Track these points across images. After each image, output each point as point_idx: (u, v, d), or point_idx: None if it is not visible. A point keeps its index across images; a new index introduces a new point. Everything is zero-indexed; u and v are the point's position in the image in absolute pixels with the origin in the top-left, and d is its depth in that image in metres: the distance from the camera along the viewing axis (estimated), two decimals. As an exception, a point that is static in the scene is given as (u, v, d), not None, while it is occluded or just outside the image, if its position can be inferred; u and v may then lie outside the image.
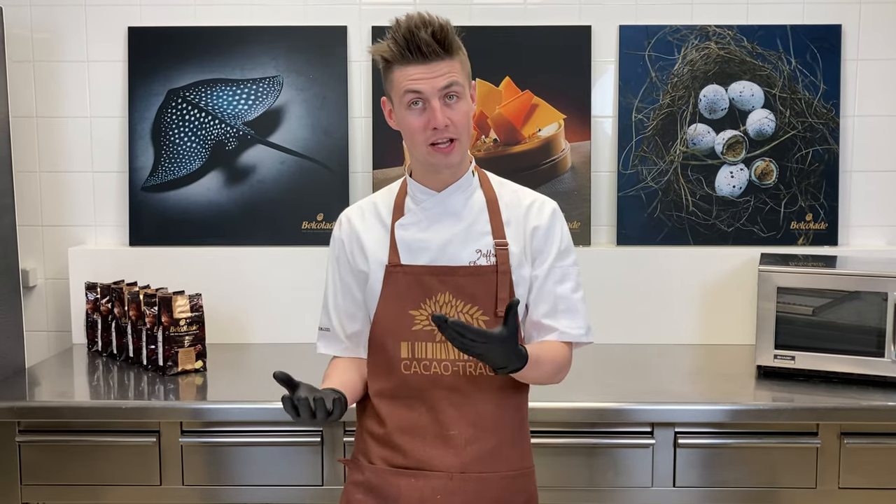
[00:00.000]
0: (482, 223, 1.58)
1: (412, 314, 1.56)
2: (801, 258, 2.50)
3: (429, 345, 1.55)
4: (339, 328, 1.66)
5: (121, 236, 2.75)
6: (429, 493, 1.53)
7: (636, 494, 2.11)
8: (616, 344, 2.64)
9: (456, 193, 1.59)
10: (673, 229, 2.69)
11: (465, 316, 1.54)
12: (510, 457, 1.58)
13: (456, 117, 1.49)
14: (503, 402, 1.58)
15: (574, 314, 1.61)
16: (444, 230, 1.57)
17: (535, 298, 1.60)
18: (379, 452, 1.58)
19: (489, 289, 1.55)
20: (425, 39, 1.44)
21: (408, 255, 1.58)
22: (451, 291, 1.55)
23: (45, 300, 2.78)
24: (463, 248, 1.57)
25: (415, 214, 1.59)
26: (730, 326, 2.66)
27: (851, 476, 2.10)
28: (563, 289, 1.60)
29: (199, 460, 2.13)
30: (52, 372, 2.47)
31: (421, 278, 1.56)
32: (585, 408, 2.09)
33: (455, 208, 1.59)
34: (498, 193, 1.61)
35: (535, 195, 1.65)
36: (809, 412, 2.09)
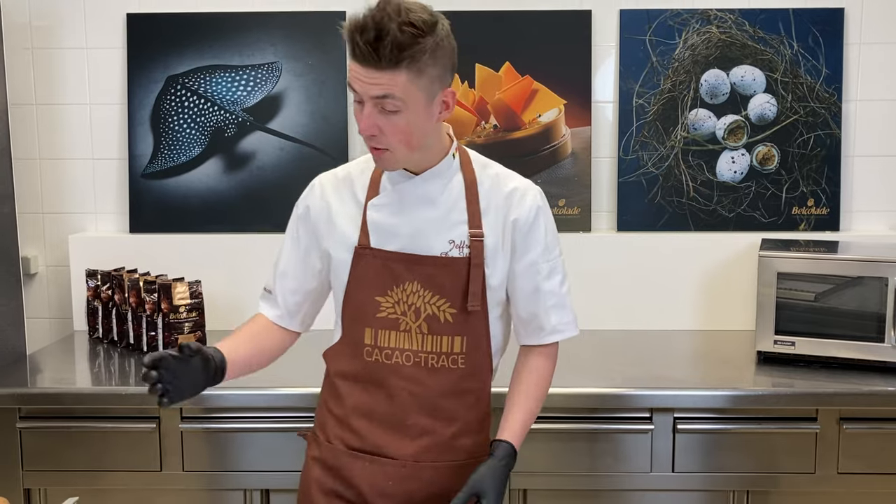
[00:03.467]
0: (458, 211, 1.52)
1: (378, 300, 1.52)
2: (802, 244, 2.49)
3: (392, 333, 1.52)
4: (279, 295, 1.63)
5: (121, 223, 2.75)
6: (381, 479, 1.53)
7: (635, 479, 2.12)
8: (616, 330, 2.64)
9: (434, 179, 1.51)
10: (674, 215, 2.68)
11: (432, 307, 1.51)
12: (466, 446, 1.57)
13: (389, 128, 1.39)
14: (463, 394, 1.55)
15: (563, 309, 1.59)
16: (417, 217, 1.51)
17: (522, 293, 1.56)
18: (336, 432, 1.58)
19: (459, 282, 1.50)
20: (361, 47, 1.34)
21: (378, 238, 1.52)
22: (419, 281, 1.50)
23: (45, 287, 2.79)
24: (436, 237, 1.51)
25: (389, 195, 1.52)
26: (730, 312, 2.65)
27: (850, 461, 2.10)
28: (552, 284, 1.57)
29: (199, 446, 2.14)
30: (53, 358, 2.48)
31: (389, 264, 1.51)
32: (585, 393, 2.10)
33: (431, 194, 1.52)
34: (479, 177, 1.54)
35: (517, 181, 1.57)
36: (809, 397, 2.09)
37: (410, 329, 1.51)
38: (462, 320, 1.51)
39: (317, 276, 1.62)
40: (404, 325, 1.51)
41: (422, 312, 1.51)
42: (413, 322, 1.51)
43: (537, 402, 1.59)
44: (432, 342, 1.51)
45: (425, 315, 1.51)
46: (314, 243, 1.59)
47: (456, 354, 1.53)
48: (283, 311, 1.62)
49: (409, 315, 1.51)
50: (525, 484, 2.13)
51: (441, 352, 1.52)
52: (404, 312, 1.51)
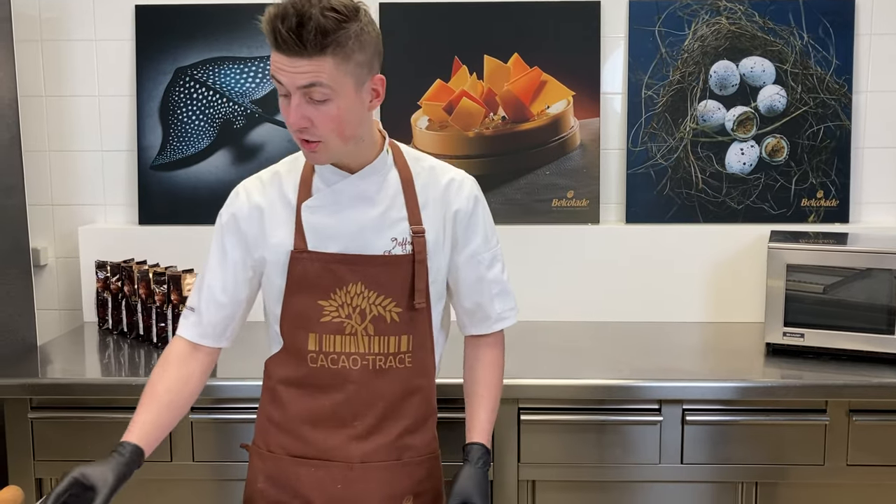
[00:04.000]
0: (397, 207, 1.48)
1: (321, 304, 1.47)
2: (811, 235, 2.48)
3: (337, 337, 1.47)
4: (205, 313, 1.54)
5: (130, 215, 2.76)
6: (329, 483, 1.50)
7: (644, 471, 2.12)
8: (624, 322, 2.64)
9: (371, 176, 1.47)
10: (682, 207, 2.68)
11: (377, 308, 1.47)
12: (414, 444, 1.55)
13: (320, 118, 1.34)
14: (412, 393, 1.54)
15: (507, 296, 1.59)
16: (356, 217, 1.47)
17: (465, 284, 1.55)
18: (278, 440, 1.54)
19: (404, 279, 1.47)
20: (283, 35, 1.28)
21: (316, 240, 1.47)
22: (363, 282, 1.46)
23: (55, 279, 2.80)
24: (377, 236, 1.47)
25: (324, 197, 1.47)
26: (739, 304, 2.65)
27: (860, 453, 2.10)
28: (495, 272, 1.57)
29: (209, 437, 2.15)
30: (63, 349, 2.49)
31: (330, 266, 1.46)
32: (594, 385, 2.10)
33: (369, 192, 1.47)
34: (413, 171, 1.51)
35: (452, 172, 1.55)
36: (818, 389, 2.09)
37: (356, 332, 1.47)
38: (408, 319, 1.49)
39: (248, 285, 1.55)
40: (350, 329, 1.47)
41: (367, 314, 1.47)
42: (359, 325, 1.47)
43: (497, 394, 1.59)
44: (379, 343, 1.48)
45: (371, 316, 1.47)
46: (244, 252, 1.52)
47: (403, 353, 1.50)
48: (207, 330, 1.54)
49: (354, 318, 1.47)
50: (534, 475, 2.13)
51: (388, 352, 1.49)
52: (349, 315, 1.47)
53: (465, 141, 2.65)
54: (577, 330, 2.58)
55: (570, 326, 2.61)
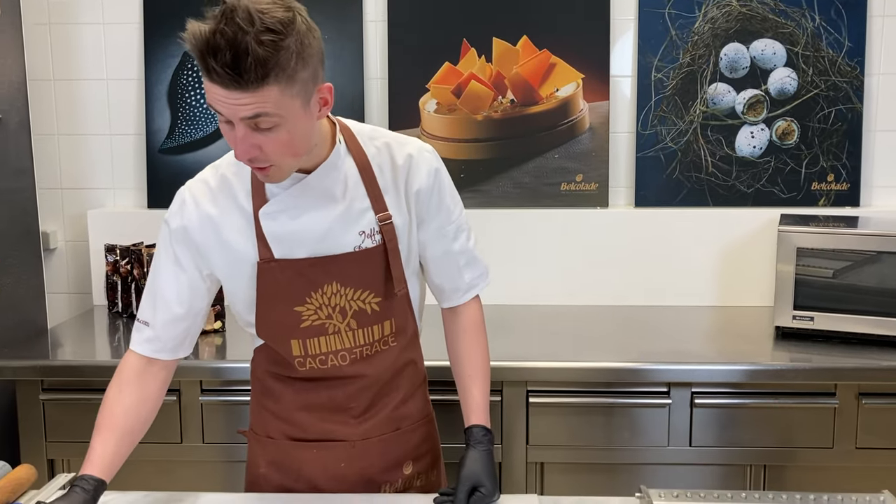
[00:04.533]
0: (360, 198, 1.39)
1: (298, 311, 1.40)
2: (821, 219, 2.47)
3: (321, 339, 1.42)
4: (160, 327, 1.43)
5: (139, 199, 2.77)
6: (332, 462, 1.49)
7: (652, 453, 2.12)
8: (633, 306, 2.64)
9: (328, 173, 1.37)
10: (692, 190, 2.67)
11: (357, 303, 1.43)
12: (411, 411, 1.55)
13: (269, 145, 1.22)
14: (401, 367, 1.53)
15: (475, 263, 1.54)
16: (319, 218, 1.37)
17: (433, 259, 1.50)
18: (277, 426, 1.52)
19: (379, 270, 1.42)
20: (217, 70, 1.14)
21: (281, 248, 1.38)
22: (337, 281, 1.40)
23: (65, 262, 2.81)
24: (344, 232, 1.39)
25: (282, 201, 1.36)
26: (749, 288, 2.64)
27: (869, 436, 2.09)
28: (461, 243, 1.51)
29: (218, 418, 2.16)
30: (73, 332, 2.50)
31: (302, 271, 1.38)
32: (602, 367, 2.10)
33: (330, 191, 1.37)
34: (369, 154, 1.41)
35: (408, 146, 1.45)
36: (827, 372, 2.08)
37: (339, 330, 1.43)
38: (387, 306, 1.45)
39: (206, 296, 1.46)
40: (332, 328, 1.42)
41: (348, 311, 1.42)
42: (341, 322, 1.43)
43: (486, 368, 1.54)
44: (364, 335, 1.45)
45: (352, 312, 1.43)
46: (199, 263, 1.42)
47: (387, 336, 1.47)
48: (164, 345, 1.44)
49: (335, 317, 1.42)
50: (542, 458, 2.14)
51: (374, 340, 1.46)
52: (329, 315, 1.42)
53: (474, 124, 2.64)
54: (586, 314, 2.57)
55: (578, 310, 2.61)
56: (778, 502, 1.22)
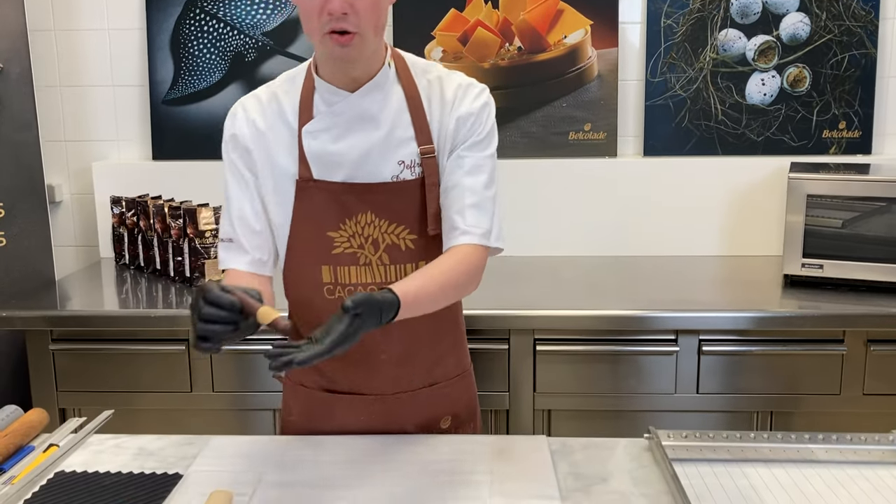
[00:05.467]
0: (403, 126, 1.37)
1: (331, 236, 1.38)
2: (832, 167, 2.44)
3: (352, 269, 1.39)
4: (244, 240, 1.41)
5: (144, 150, 2.75)
6: (363, 411, 1.45)
7: (659, 400, 2.13)
8: (642, 256, 2.63)
9: (372, 93, 1.35)
10: (701, 139, 2.64)
11: (390, 237, 1.38)
12: (447, 366, 1.49)
13: (361, 5, 1.24)
14: (439, 316, 1.40)
15: (482, 211, 1.38)
16: (360, 140, 1.36)
17: (444, 191, 1.39)
18: (308, 375, 1.49)
19: (416, 205, 1.38)
20: None
21: (320, 169, 1.37)
22: (373, 211, 1.37)
23: (71, 215, 2.81)
24: (383, 160, 1.36)
25: (325, 119, 1.36)
26: (758, 238, 2.63)
27: (876, 382, 2.10)
28: (474, 181, 1.38)
29: (227, 367, 2.17)
30: (81, 284, 2.51)
31: (338, 196, 1.36)
32: (611, 315, 2.09)
33: (371, 111, 1.36)
34: (419, 86, 1.39)
35: (460, 80, 1.41)
36: (836, 319, 2.08)
37: (371, 262, 1.39)
38: (423, 245, 1.39)
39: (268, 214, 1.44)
40: (364, 259, 1.39)
41: (380, 243, 1.39)
42: (373, 255, 1.39)
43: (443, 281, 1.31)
44: (396, 272, 1.40)
45: (385, 245, 1.39)
46: (253, 174, 1.41)
47: None
48: (252, 256, 1.41)
49: (367, 248, 1.39)
50: (549, 405, 2.15)
51: None
52: (361, 245, 1.39)
53: (480, 72, 2.61)
54: (594, 263, 2.57)
55: (586, 260, 2.60)
56: (787, 442, 1.22)
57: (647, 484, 1.16)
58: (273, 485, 1.16)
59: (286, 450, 1.29)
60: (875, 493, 1.13)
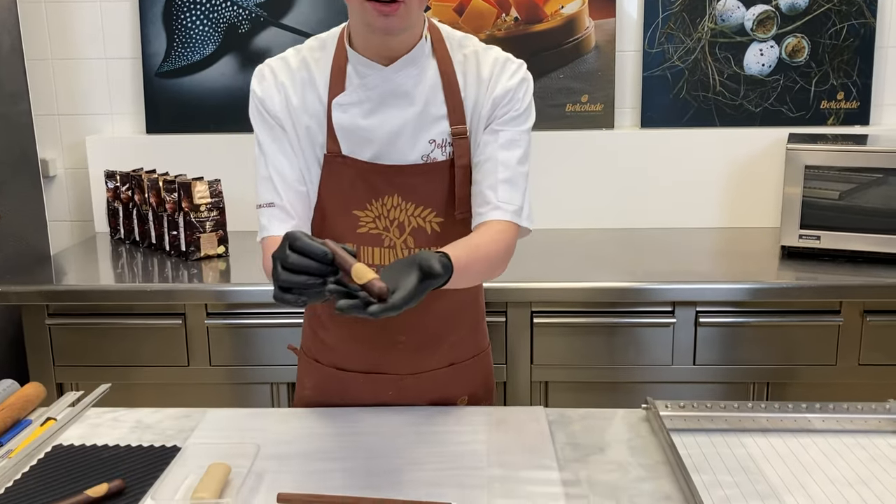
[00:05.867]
0: (437, 104, 1.31)
1: (356, 214, 1.33)
2: (830, 137, 2.43)
3: (376, 250, 1.34)
4: (287, 203, 1.31)
5: (137, 124, 2.73)
6: (380, 390, 1.41)
7: (656, 372, 2.13)
8: (639, 228, 2.62)
9: (407, 68, 1.29)
10: (699, 110, 2.62)
11: (416, 220, 1.33)
12: (466, 347, 1.46)
13: None
14: (461, 298, 1.41)
15: (515, 187, 1.31)
16: (392, 117, 1.29)
17: (476, 166, 1.33)
18: (325, 353, 1.45)
19: (443, 187, 1.32)
20: None
21: (349, 144, 1.31)
22: (399, 194, 1.31)
23: (65, 190, 2.79)
24: (414, 140, 1.30)
25: (357, 92, 1.29)
26: (755, 209, 2.62)
27: (872, 352, 2.10)
28: (509, 156, 1.31)
29: (225, 341, 2.17)
30: (76, 259, 2.50)
31: (366, 175, 1.31)
32: (607, 288, 2.09)
33: (405, 87, 1.29)
34: (455, 61, 1.32)
35: (497, 55, 1.34)
36: (832, 290, 2.08)
37: (395, 245, 1.34)
38: (448, 227, 1.34)
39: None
40: (388, 241, 1.34)
41: (406, 227, 1.34)
42: (398, 237, 1.34)
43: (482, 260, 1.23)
44: None
45: (410, 228, 1.34)
46: (286, 134, 1.33)
47: None
48: (299, 223, 1.32)
49: (392, 231, 1.34)
50: (546, 377, 2.15)
51: None
52: (386, 228, 1.34)
53: (477, 44, 2.58)
54: (591, 236, 2.56)
55: (583, 233, 2.59)
56: (784, 411, 1.23)
57: (645, 454, 1.17)
58: (271, 457, 1.16)
59: (284, 422, 1.29)
60: (872, 462, 1.14)
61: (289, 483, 1.09)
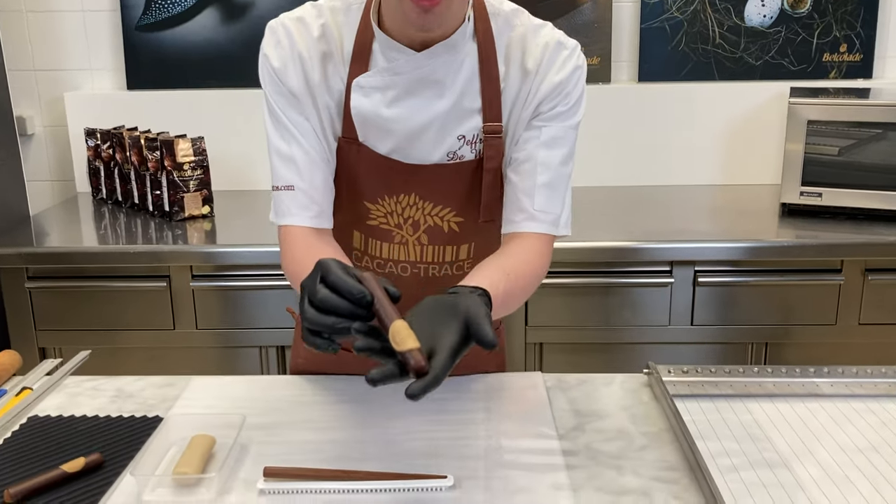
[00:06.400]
0: (472, 96, 1.13)
1: (367, 206, 1.20)
2: (832, 91, 2.36)
3: (384, 245, 1.22)
4: (308, 185, 1.14)
5: (118, 80, 2.63)
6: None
7: (653, 332, 2.09)
8: (636, 185, 2.56)
9: (444, 54, 1.10)
10: (698, 63, 2.54)
11: (433, 219, 1.20)
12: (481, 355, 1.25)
13: None
14: None
15: (554, 193, 1.16)
16: (419, 109, 1.13)
17: (511, 165, 1.17)
18: None
19: (468, 187, 1.18)
20: None
21: (366, 132, 1.15)
22: (417, 193, 1.17)
23: (44, 149, 2.70)
24: (441, 136, 1.14)
25: (382, 76, 1.12)
26: (755, 166, 2.56)
27: (873, 312, 2.07)
28: (550, 156, 1.15)
29: (211, 304, 2.11)
30: (57, 220, 2.42)
31: (381, 169, 1.16)
32: (604, 247, 2.04)
33: (437, 75, 1.11)
34: (497, 44, 1.14)
35: (548, 38, 1.14)
36: (834, 248, 2.03)
37: (407, 241, 1.22)
38: (468, 227, 1.21)
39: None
40: (399, 238, 1.21)
41: (421, 225, 1.21)
42: (410, 235, 1.22)
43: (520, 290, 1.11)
44: (433, 253, 1.22)
45: (425, 227, 1.21)
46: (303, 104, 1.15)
47: (462, 261, 1.24)
48: (321, 208, 1.16)
49: (405, 228, 1.21)
50: (541, 338, 2.11)
51: (444, 261, 1.23)
52: (399, 225, 1.21)
53: (469, -6, 2.48)
54: (587, 194, 2.50)
55: (578, 191, 2.48)
56: (791, 376, 1.18)
57: (648, 421, 1.12)
58: (258, 427, 1.11)
59: (272, 390, 1.23)
60: (883, 427, 1.10)
61: (276, 455, 1.04)
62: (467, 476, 1.00)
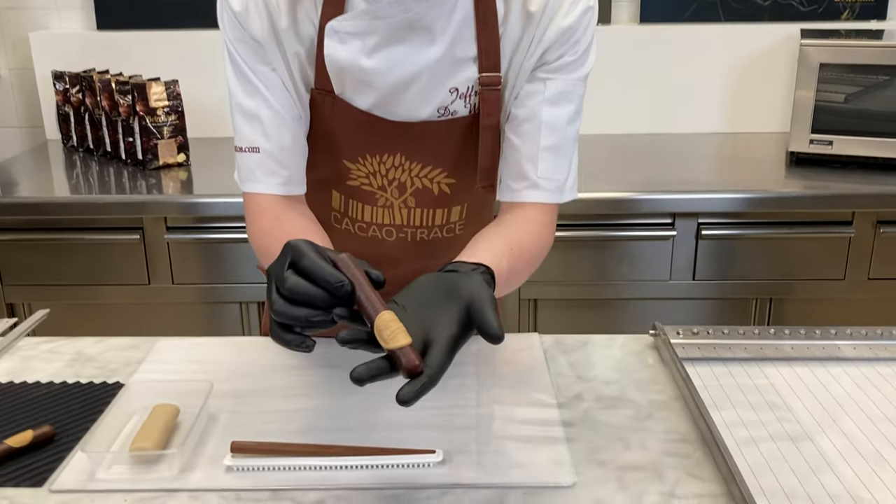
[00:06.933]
0: (466, 43, 1.00)
1: (347, 165, 1.07)
2: (843, 33, 2.24)
3: (367, 207, 1.10)
4: (276, 148, 1.02)
5: (87, 19, 2.47)
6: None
7: (652, 288, 2.00)
8: (637, 133, 2.45)
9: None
10: (703, 4, 2.40)
11: (422, 181, 1.08)
12: None
13: None
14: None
15: (559, 157, 1.05)
16: (404, 59, 0.99)
17: (514, 119, 1.04)
18: None
19: (461, 146, 1.05)
20: None
21: (342, 84, 1.02)
22: (403, 154, 1.05)
23: (10, 93, 2.55)
24: (430, 89, 1.01)
25: (360, 20, 0.97)
26: (761, 113, 2.44)
27: (883, 266, 1.98)
28: (556, 114, 1.02)
29: (188, 257, 2.00)
30: (25, 168, 2.29)
31: (361, 126, 1.03)
32: (602, 199, 1.93)
33: (427, 20, 0.97)
34: None
35: None
36: (844, 199, 1.93)
37: (392, 205, 1.10)
38: (461, 189, 1.09)
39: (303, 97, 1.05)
40: (384, 201, 1.10)
41: (408, 187, 1.09)
42: (396, 198, 1.10)
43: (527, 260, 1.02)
44: (422, 216, 1.11)
45: (413, 189, 1.09)
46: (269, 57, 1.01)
47: (453, 223, 1.14)
48: (291, 174, 1.04)
49: (389, 191, 1.09)
50: (536, 294, 2.02)
51: (433, 225, 1.12)
52: (383, 187, 1.08)
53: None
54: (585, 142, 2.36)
55: (575, 139, 2.41)
56: (810, 338, 1.09)
57: (655, 388, 1.03)
58: (226, 395, 1.01)
59: (243, 353, 1.13)
60: (909, 393, 1.01)
61: (247, 426, 0.95)
62: (458, 450, 0.90)
